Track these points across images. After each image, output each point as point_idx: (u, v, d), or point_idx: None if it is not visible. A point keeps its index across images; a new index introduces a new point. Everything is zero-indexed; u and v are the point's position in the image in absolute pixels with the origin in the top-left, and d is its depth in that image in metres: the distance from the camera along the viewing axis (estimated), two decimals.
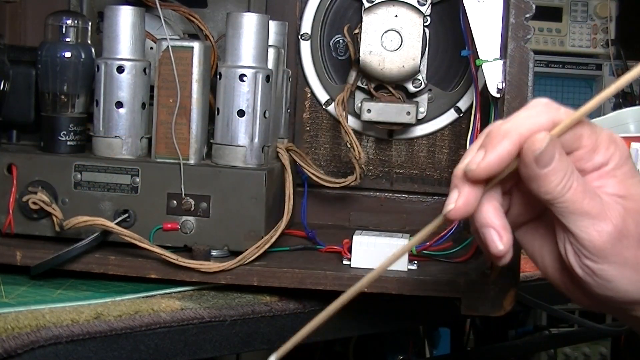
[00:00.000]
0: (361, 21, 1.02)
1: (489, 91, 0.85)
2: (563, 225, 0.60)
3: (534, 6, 0.82)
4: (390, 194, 1.11)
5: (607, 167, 0.61)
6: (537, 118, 0.59)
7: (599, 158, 0.61)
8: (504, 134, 0.58)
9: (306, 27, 1.09)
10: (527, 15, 0.82)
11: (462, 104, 1.08)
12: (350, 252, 0.87)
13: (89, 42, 0.93)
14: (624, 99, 2.11)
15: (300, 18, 1.09)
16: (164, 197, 0.86)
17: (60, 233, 0.86)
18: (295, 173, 0.97)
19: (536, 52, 0.86)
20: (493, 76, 0.86)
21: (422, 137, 1.09)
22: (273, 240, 0.86)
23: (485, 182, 0.59)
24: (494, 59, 0.86)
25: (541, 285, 1.14)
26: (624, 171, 0.61)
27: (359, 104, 1.06)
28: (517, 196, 0.63)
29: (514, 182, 0.62)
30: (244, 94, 0.87)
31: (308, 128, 1.10)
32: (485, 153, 0.58)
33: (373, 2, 1.01)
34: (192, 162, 0.88)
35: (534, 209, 0.63)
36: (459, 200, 0.60)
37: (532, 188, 0.59)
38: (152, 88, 0.90)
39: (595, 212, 0.59)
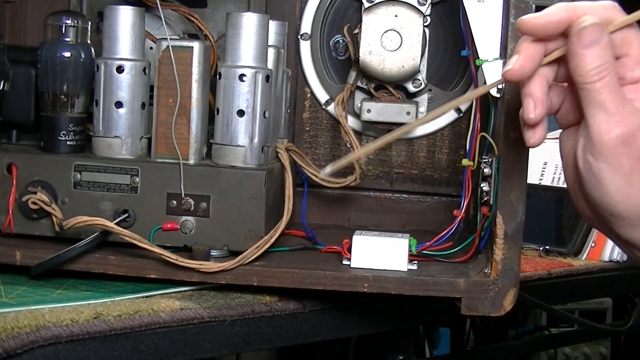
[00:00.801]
0: (361, 21, 1.02)
1: (489, 91, 0.86)
2: (585, 119, 0.65)
3: (534, 6, 0.82)
4: (390, 194, 1.11)
5: None
6: (596, 7, 0.66)
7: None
8: (562, 6, 0.66)
9: (306, 27, 1.09)
10: None
11: (462, 104, 1.08)
12: (350, 252, 0.87)
13: (89, 42, 0.93)
14: None
15: (300, 18, 1.09)
16: (164, 197, 0.86)
17: (60, 233, 0.86)
18: (295, 173, 0.97)
19: None
20: (493, 76, 0.86)
21: (422, 137, 1.09)
22: (273, 240, 0.86)
23: (542, 55, 0.66)
24: (494, 59, 0.86)
25: (541, 285, 1.14)
26: None
27: (359, 104, 1.06)
28: (569, 97, 0.69)
29: (570, 81, 0.68)
30: (244, 94, 0.87)
31: (308, 128, 1.10)
32: (538, 14, 0.66)
33: (373, 2, 1.01)
34: (191, 162, 0.88)
35: (579, 112, 0.67)
36: (517, 62, 0.66)
37: (571, 66, 0.65)
38: (152, 88, 0.90)
39: (614, 112, 0.64)
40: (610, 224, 0.68)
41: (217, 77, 0.89)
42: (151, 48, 0.96)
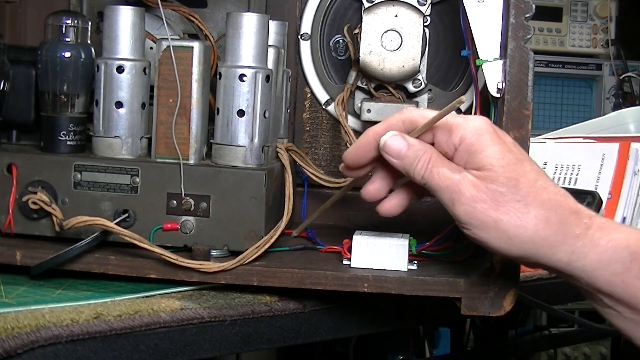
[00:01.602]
0: (361, 21, 1.02)
1: (489, 91, 0.86)
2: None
3: (534, 6, 0.82)
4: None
5: (462, 145, 0.72)
6: (390, 120, 0.76)
7: (454, 139, 0.72)
8: (365, 132, 0.78)
9: (306, 27, 1.09)
10: (527, 15, 0.82)
11: (462, 104, 1.08)
12: (350, 252, 0.87)
13: (89, 42, 0.93)
14: (624, 99, 2.11)
15: (300, 18, 1.09)
16: (164, 197, 0.86)
17: (60, 233, 0.86)
18: (295, 173, 0.97)
19: (536, 52, 0.86)
20: (493, 76, 0.86)
21: None
22: (273, 240, 0.86)
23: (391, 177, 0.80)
24: (494, 59, 0.86)
25: (541, 285, 1.14)
26: (478, 145, 0.71)
27: (359, 104, 1.06)
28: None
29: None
30: (244, 94, 0.87)
31: (308, 128, 1.10)
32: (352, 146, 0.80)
33: (373, 2, 1.01)
34: (192, 162, 0.88)
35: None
36: (367, 188, 0.80)
37: (406, 175, 0.75)
38: (152, 88, 0.90)
39: (450, 186, 0.71)
40: (526, 264, 0.75)
41: (217, 77, 0.89)
42: (151, 48, 0.96)
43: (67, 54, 0.90)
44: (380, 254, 0.87)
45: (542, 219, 0.69)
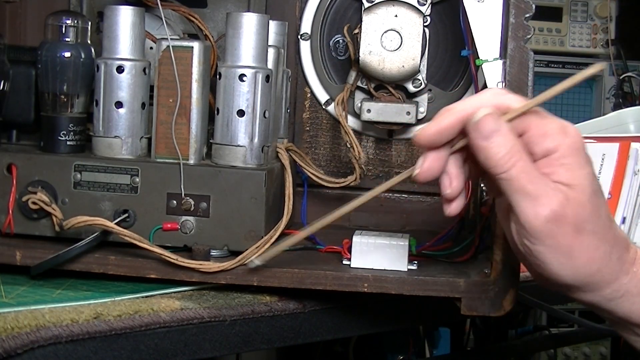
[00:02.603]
0: (361, 21, 1.02)
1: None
2: (511, 206, 0.65)
3: (534, 6, 0.82)
4: (390, 194, 1.11)
5: (555, 154, 0.65)
6: (483, 99, 0.66)
7: (548, 144, 0.65)
8: (449, 109, 0.67)
9: (306, 27, 1.09)
10: (527, 15, 0.82)
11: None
12: (350, 252, 0.87)
13: (89, 42, 0.93)
14: (624, 98, 2.11)
15: (300, 18, 1.09)
16: (164, 197, 0.86)
17: (60, 233, 0.86)
18: (295, 173, 0.97)
19: (536, 52, 0.86)
20: (493, 76, 0.86)
21: None
22: (273, 240, 0.86)
23: (445, 149, 0.68)
24: (494, 59, 0.86)
25: None
26: (572, 161, 0.65)
27: (359, 104, 1.06)
28: (487, 177, 0.69)
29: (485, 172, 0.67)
30: (244, 94, 0.87)
31: (308, 128, 1.10)
32: (429, 124, 0.67)
33: (373, 2, 1.01)
34: (192, 162, 0.88)
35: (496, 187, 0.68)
36: (423, 164, 0.68)
37: (481, 161, 0.65)
38: (152, 88, 0.90)
39: (536, 195, 0.63)
40: (564, 291, 0.69)
41: (217, 77, 0.89)
42: (151, 48, 0.96)
43: (67, 54, 0.90)
44: (380, 254, 0.87)
45: (607, 256, 0.66)
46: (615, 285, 0.67)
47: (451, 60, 1.07)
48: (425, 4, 1.01)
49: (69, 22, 0.91)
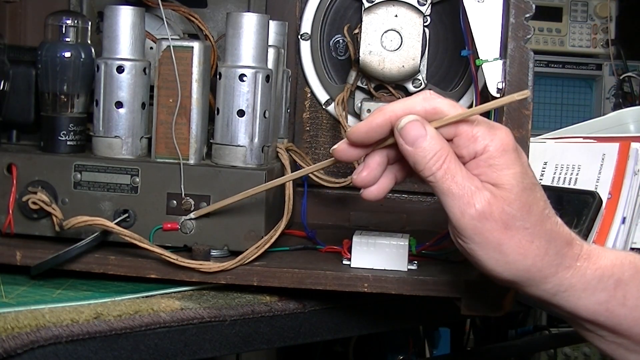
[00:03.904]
0: (361, 21, 1.02)
1: (489, 91, 0.85)
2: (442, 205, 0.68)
3: (534, 6, 0.82)
4: (390, 194, 1.10)
5: (483, 156, 0.67)
6: (413, 103, 0.69)
7: (476, 147, 0.68)
8: (381, 109, 0.69)
9: (306, 27, 1.09)
10: (527, 15, 0.82)
11: (462, 104, 1.08)
12: (350, 252, 0.87)
13: (89, 42, 0.93)
14: (624, 98, 2.11)
15: (300, 18, 1.09)
16: (164, 197, 0.86)
17: (60, 233, 0.86)
18: None
19: (536, 52, 0.86)
20: (493, 76, 0.86)
21: None
22: (273, 240, 0.86)
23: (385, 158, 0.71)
24: (494, 59, 0.86)
25: None
26: (500, 161, 0.67)
27: (359, 104, 1.06)
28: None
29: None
30: (244, 94, 0.87)
31: (308, 128, 1.10)
32: (361, 122, 0.70)
33: (373, 2, 1.01)
34: (192, 162, 0.88)
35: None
36: (360, 174, 0.71)
37: (411, 164, 0.69)
38: (152, 88, 0.90)
39: (461, 194, 0.67)
40: (511, 287, 0.72)
41: (217, 77, 0.89)
42: (151, 48, 0.96)
43: (67, 54, 0.90)
44: (380, 254, 0.87)
45: (543, 250, 0.68)
46: (555, 280, 0.69)
47: (451, 60, 1.07)
48: (425, 4, 1.01)
49: (69, 22, 0.91)
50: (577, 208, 1.05)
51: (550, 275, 0.69)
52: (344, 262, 0.88)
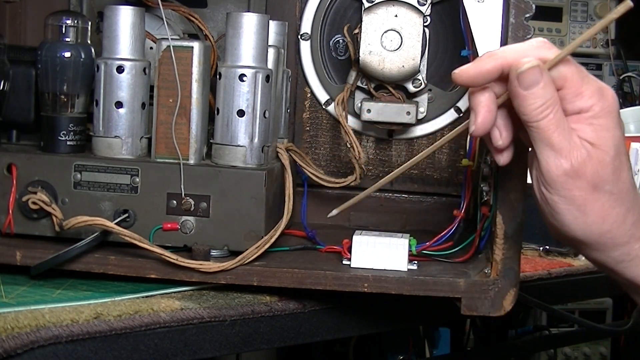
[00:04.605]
0: (361, 21, 1.02)
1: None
2: (535, 153, 0.68)
3: (534, 6, 0.82)
4: (390, 194, 1.11)
5: (586, 114, 0.68)
6: (525, 49, 0.69)
7: (581, 103, 0.68)
8: (491, 55, 0.69)
9: (306, 27, 1.09)
10: (527, 15, 0.82)
11: (462, 104, 1.08)
12: (350, 252, 0.87)
13: (89, 42, 0.93)
14: (624, 99, 2.11)
15: (300, 18, 1.09)
16: (164, 197, 0.86)
17: (60, 233, 0.86)
18: (295, 173, 0.97)
19: None
20: None
21: (422, 137, 1.09)
22: (273, 240, 0.86)
23: (494, 100, 0.70)
24: None
25: (541, 285, 1.14)
26: (601, 122, 0.68)
27: (359, 104, 1.06)
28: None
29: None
30: (244, 94, 0.87)
31: (308, 128, 1.10)
32: (470, 64, 0.70)
33: (373, 2, 1.01)
34: (192, 162, 0.88)
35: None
36: (477, 119, 0.69)
37: (515, 106, 0.68)
38: (152, 88, 0.90)
39: (560, 147, 0.67)
40: (575, 247, 0.72)
41: (217, 77, 0.89)
42: (151, 48, 0.96)
43: (67, 54, 0.90)
44: (380, 254, 0.87)
45: (621, 218, 0.69)
46: (625, 249, 0.70)
47: (451, 60, 1.07)
48: (425, 4, 1.01)
49: (69, 22, 0.91)
50: None
51: (622, 244, 0.69)
52: (344, 262, 0.88)
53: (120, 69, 0.88)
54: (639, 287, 0.72)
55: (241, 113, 0.88)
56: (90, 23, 0.93)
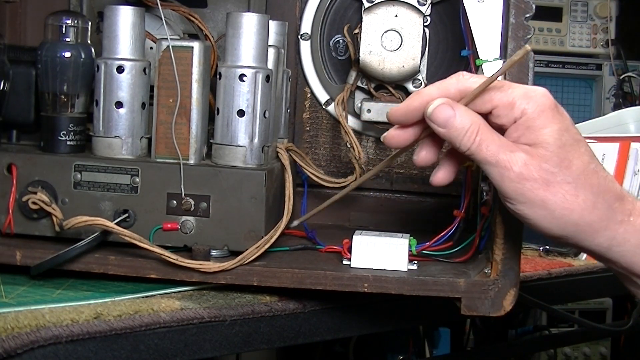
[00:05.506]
0: (361, 21, 1.02)
1: None
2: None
3: (534, 6, 0.82)
4: (390, 194, 1.11)
5: (521, 120, 0.70)
6: (447, 85, 0.73)
7: (514, 113, 0.70)
8: (418, 93, 0.74)
9: (306, 27, 1.09)
10: (527, 15, 0.82)
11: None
12: (350, 252, 0.87)
13: (89, 42, 0.93)
14: (624, 99, 2.11)
15: (300, 18, 1.09)
16: (164, 197, 0.86)
17: (60, 233, 0.86)
18: (295, 173, 0.97)
19: (536, 52, 0.86)
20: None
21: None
22: (273, 240, 0.86)
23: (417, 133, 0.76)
24: (494, 59, 0.86)
25: (541, 285, 1.14)
26: (537, 122, 0.70)
27: (359, 104, 1.06)
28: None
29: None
30: (244, 94, 0.87)
31: (308, 128, 1.10)
32: (401, 104, 0.75)
33: (373, 2, 1.01)
34: (192, 162, 0.88)
35: None
36: (390, 131, 0.77)
37: (449, 143, 0.73)
38: (152, 88, 0.90)
39: (498, 161, 0.70)
40: (563, 243, 0.74)
41: (217, 77, 0.89)
42: (151, 48, 0.96)
43: (67, 54, 0.90)
44: (380, 254, 0.87)
45: (590, 204, 0.70)
46: (607, 234, 0.71)
47: (451, 60, 1.07)
48: (425, 4, 1.01)
49: (69, 22, 0.91)
50: None
51: (602, 229, 0.70)
52: (344, 262, 0.88)
53: (120, 69, 0.88)
54: (636, 275, 0.73)
55: (241, 113, 0.88)
56: (90, 23, 0.93)
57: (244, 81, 0.87)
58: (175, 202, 0.86)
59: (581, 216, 0.70)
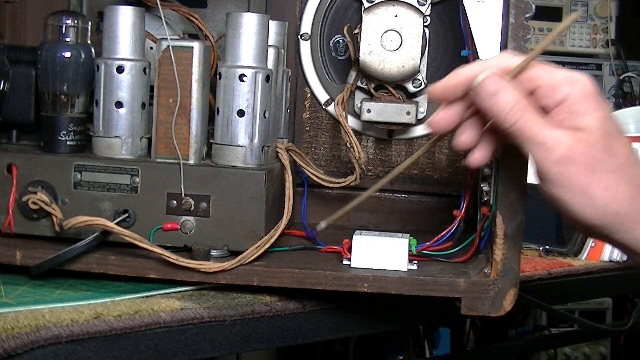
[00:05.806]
0: (361, 21, 1.02)
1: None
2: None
3: (534, 6, 0.82)
4: (390, 194, 1.11)
5: (565, 103, 0.69)
6: (489, 62, 0.71)
7: (557, 96, 0.69)
8: (457, 71, 0.72)
9: (306, 27, 1.09)
10: (527, 15, 0.82)
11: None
12: (350, 252, 0.87)
13: (89, 42, 0.93)
14: (624, 98, 2.11)
15: (300, 18, 1.09)
16: (164, 197, 0.86)
17: (60, 233, 0.86)
18: (295, 173, 0.97)
19: None
20: None
21: (422, 137, 1.09)
22: (273, 240, 0.86)
23: (463, 109, 0.73)
24: None
25: (541, 285, 1.14)
26: (581, 107, 0.68)
27: (359, 104, 1.06)
28: None
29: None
30: (244, 94, 0.87)
31: (308, 128, 1.10)
32: (441, 81, 0.73)
33: (373, 2, 1.01)
34: (192, 162, 0.88)
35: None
36: (437, 115, 0.74)
37: (492, 119, 0.70)
38: (152, 88, 0.90)
39: (543, 141, 0.68)
40: (599, 236, 0.72)
41: (217, 77, 0.89)
42: (151, 48, 0.96)
43: (67, 54, 0.90)
44: (380, 254, 0.87)
45: (631, 194, 0.68)
46: None
47: (451, 60, 1.07)
48: (425, 4, 1.01)
49: (69, 22, 0.91)
50: None
51: None
52: (344, 262, 0.88)
53: (120, 69, 0.88)
54: None
55: (241, 113, 0.88)
56: (90, 23, 0.93)
57: (244, 81, 0.87)
58: (175, 202, 0.86)
59: (621, 207, 0.68)
